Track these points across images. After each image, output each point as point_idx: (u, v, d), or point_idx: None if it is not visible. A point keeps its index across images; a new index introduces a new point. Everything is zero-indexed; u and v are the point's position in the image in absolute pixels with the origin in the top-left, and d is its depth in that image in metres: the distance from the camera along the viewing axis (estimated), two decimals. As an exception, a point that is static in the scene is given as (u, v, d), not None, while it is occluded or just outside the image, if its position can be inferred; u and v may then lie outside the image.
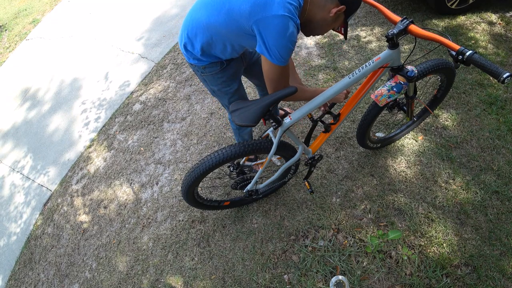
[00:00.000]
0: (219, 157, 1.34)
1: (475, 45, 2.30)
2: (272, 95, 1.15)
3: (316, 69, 2.47)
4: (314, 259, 1.66)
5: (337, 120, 1.46)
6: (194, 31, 1.17)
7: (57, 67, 3.54)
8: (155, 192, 2.18)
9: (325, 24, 1.09)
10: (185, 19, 1.22)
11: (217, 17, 1.07)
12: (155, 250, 1.93)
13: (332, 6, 1.03)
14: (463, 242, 1.58)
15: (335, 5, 1.03)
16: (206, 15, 1.10)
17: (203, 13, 1.11)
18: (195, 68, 1.34)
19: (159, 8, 3.70)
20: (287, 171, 1.68)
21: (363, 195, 1.82)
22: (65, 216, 2.30)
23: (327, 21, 1.07)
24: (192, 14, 1.18)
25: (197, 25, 1.14)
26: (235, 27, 1.06)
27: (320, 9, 1.04)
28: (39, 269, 2.13)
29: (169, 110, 2.61)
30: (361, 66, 1.24)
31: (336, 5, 1.03)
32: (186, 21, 1.22)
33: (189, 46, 1.23)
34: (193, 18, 1.17)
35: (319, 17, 1.07)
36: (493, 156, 1.81)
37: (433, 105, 1.77)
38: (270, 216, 1.87)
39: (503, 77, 0.89)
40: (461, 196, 1.72)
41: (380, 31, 2.57)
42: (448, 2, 2.39)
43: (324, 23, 1.09)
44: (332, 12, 1.03)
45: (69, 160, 2.62)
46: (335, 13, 1.03)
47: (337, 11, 1.03)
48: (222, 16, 1.05)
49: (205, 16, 1.10)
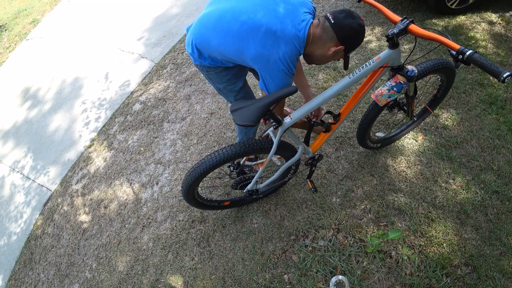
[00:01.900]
0: (219, 157, 1.34)
1: (475, 45, 2.30)
2: (272, 94, 1.16)
3: (316, 69, 2.47)
4: (314, 259, 1.66)
5: (337, 120, 1.46)
6: (204, 46, 1.24)
7: (57, 67, 3.54)
8: (155, 192, 2.18)
9: (325, 59, 1.20)
10: (195, 28, 1.25)
11: (227, 48, 1.17)
12: (155, 250, 1.93)
13: (331, 45, 1.12)
14: (463, 242, 1.58)
15: (335, 45, 1.12)
16: (217, 40, 1.17)
17: (214, 37, 1.18)
18: (200, 68, 1.37)
19: (159, 7, 3.70)
20: (287, 171, 1.68)
21: (363, 195, 1.82)
22: (65, 216, 2.30)
23: (327, 56, 1.18)
24: (202, 30, 1.22)
25: (207, 44, 1.23)
26: (241, 61, 1.21)
27: (320, 47, 1.14)
28: (39, 269, 2.13)
29: (169, 110, 2.61)
30: (361, 66, 1.24)
31: (335, 45, 1.12)
32: (195, 32, 1.24)
33: (196, 54, 1.29)
34: (203, 34, 1.22)
35: (319, 53, 1.17)
36: (493, 156, 1.81)
37: (433, 104, 1.77)
38: (270, 216, 1.87)
39: (503, 76, 0.89)
40: (461, 196, 1.72)
41: (380, 31, 2.57)
42: (448, 2, 2.39)
43: (324, 58, 1.20)
44: (331, 50, 1.13)
45: (69, 160, 2.62)
46: (333, 51, 1.13)
47: (336, 50, 1.12)
48: (232, 50, 1.16)
49: (215, 41, 1.18)
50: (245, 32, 1.10)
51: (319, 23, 1.12)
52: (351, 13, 1.09)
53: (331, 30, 1.09)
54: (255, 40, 1.09)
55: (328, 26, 1.09)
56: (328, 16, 1.10)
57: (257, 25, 1.08)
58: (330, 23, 1.08)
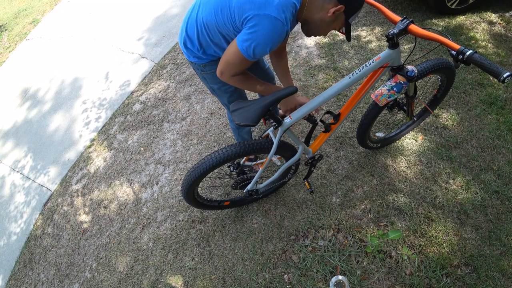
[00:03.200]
0: (219, 157, 1.34)
1: (475, 45, 2.30)
2: (272, 94, 1.16)
3: (316, 69, 2.47)
4: (314, 259, 1.66)
5: (337, 120, 1.46)
6: (193, 29, 1.18)
7: (57, 67, 3.54)
8: (155, 192, 2.18)
9: (324, 25, 1.09)
10: (185, 17, 1.24)
11: (215, 15, 1.07)
12: (155, 250, 1.93)
13: (330, 6, 1.02)
14: (463, 242, 1.58)
15: (333, 5, 1.01)
16: (204, 13, 1.11)
17: (201, 11, 1.12)
18: (195, 66, 1.35)
19: (159, 7, 3.70)
20: (287, 171, 1.68)
21: (363, 195, 1.82)
22: (65, 216, 2.30)
23: (326, 21, 1.06)
24: (191, 12, 1.20)
25: (196, 23, 1.16)
26: (230, 23, 1.06)
27: (318, 9, 1.04)
28: (39, 269, 2.13)
29: (169, 110, 2.61)
30: (361, 66, 1.24)
31: (334, 5, 1.01)
32: (185, 20, 1.23)
33: (188, 43, 1.25)
34: (192, 16, 1.18)
35: (318, 18, 1.06)
36: (493, 156, 1.81)
37: (433, 104, 1.77)
38: (270, 216, 1.87)
39: (503, 76, 0.89)
40: (461, 196, 1.72)
41: (380, 31, 2.57)
42: (448, 2, 2.39)
43: (323, 24, 1.08)
44: (330, 12, 1.02)
45: (69, 160, 2.62)
46: (333, 13, 1.02)
47: (335, 10, 1.01)
48: (219, 13, 1.06)
49: (204, 14, 1.11)
50: None
51: None
52: None
53: None
54: None
55: None
56: None
57: None
58: None
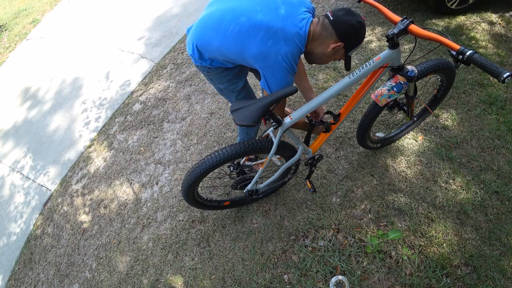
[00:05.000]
0: (219, 157, 1.34)
1: (475, 45, 2.30)
2: (272, 94, 1.16)
3: (316, 69, 2.47)
4: (314, 259, 1.66)
5: (337, 120, 1.46)
6: (205, 47, 1.25)
7: (57, 67, 3.54)
8: (155, 192, 2.18)
9: (325, 57, 1.20)
10: (196, 29, 1.26)
11: (228, 48, 1.18)
12: (155, 250, 1.93)
13: (331, 41, 1.12)
14: (463, 242, 1.58)
15: (334, 41, 1.12)
16: (218, 41, 1.18)
17: (215, 37, 1.19)
18: (201, 69, 1.38)
19: (159, 7, 3.70)
20: (287, 171, 1.68)
21: (363, 195, 1.82)
22: (65, 216, 2.30)
23: (327, 54, 1.17)
24: (203, 31, 1.22)
25: (208, 45, 1.23)
26: (243, 61, 1.21)
27: (320, 44, 1.15)
28: (39, 269, 2.13)
29: (169, 110, 2.61)
30: (361, 66, 1.24)
31: (334, 42, 1.12)
32: (196, 33, 1.25)
33: (196, 55, 1.30)
34: (204, 36, 1.22)
35: (319, 51, 1.17)
36: (493, 156, 1.81)
37: (433, 105, 1.77)
38: (270, 216, 1.87)
39: (503, 76, 0.89)
40: (461, 196, 1.72)
41: (380, 31, 2.57)
42: (448, 2, 2.39)
43: (324, 56, 1.19)
44: (330, 47, 1.13)
45: (69, 160, 2.62)
46: (332, 48, 1.13)
47: (335, 46, 1.12)
48: (233, 50, 1.16)
49: (216, 41, 1.19)
50: (246, 31, 1.10)
51: (318, 21, 1.14)
52: (350, 11, 1.10)
53: (330, 27, 1.10)
54: (256, 39, 1.09)
55: (327, 23, 1.11)
56: (328, 14, 1.11)
57: (258, 24, 1.09)
58: (329, 20, 1.10)
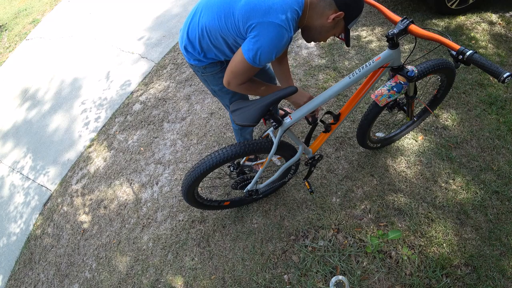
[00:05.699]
0: (219, 157, 1.34)
1: (475, 45, 2.30)
2: (272, 95, 1.16)
3: (316, 69, 2.48)
4: (314, 259, 1.66)
5: (337, 120, 1.46)
6: (194, 33, 1.19)
7: (57, 67, 3.54)
8: (155, 192, 2.18)
9: (325, 30, 1.11)
10: (186, 21, 1.24)
11: (218, 21, 1.09)
12: (155, 250, 1.93)
13: (330, 12, 1.04)
14: (463, 242, 1.58)
15: (333, 11, 1.04)
16: (207, 18, 1.12)
17: (203, 16, 1.13)
18: (196, 69, 1.35)
19: (159, 7, 3.70)
20: (287, 171, 1.68)
21: (363, 195, 1.82)
22: (65, 216, 2.30)
23: (326, 27, 1.09)
24: (193, 17, 1.20)
25: (198, 27, 1.16)
26: (233, 29, 1.08)
27: (318, 16, 1.06)
28: (39, 269, 2.13)
29: (169, 110, 2.61)
30: (361, 66, 1.24)
31: (334, 11, 1.04)
32: (186, 23, 1.23)
33: (189, 47, 1.25)
34: (194, 21, 1.18)
35: (318, 24, 1.09)
36: (493, 156, 1.81)
37: (433, 105, 1.77)
38: (270, 216, 1.87)
39: (503, 76, 0.89)
40: (461, 196, 1.72)
41: (380, 31, 2.57)
42: (448, 2, 2.39)
43: (323, 30, 1.11)
44: (330, 18, 1.05)
45: (69, 160, 2.62)
46: (333, 19, 1.05)
47: (335, 17, 1.04)
48: (222, 19, 1.08)
49: (205, 19, 1.12)
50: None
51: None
52: None
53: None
54: None
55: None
56: None
57: None
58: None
